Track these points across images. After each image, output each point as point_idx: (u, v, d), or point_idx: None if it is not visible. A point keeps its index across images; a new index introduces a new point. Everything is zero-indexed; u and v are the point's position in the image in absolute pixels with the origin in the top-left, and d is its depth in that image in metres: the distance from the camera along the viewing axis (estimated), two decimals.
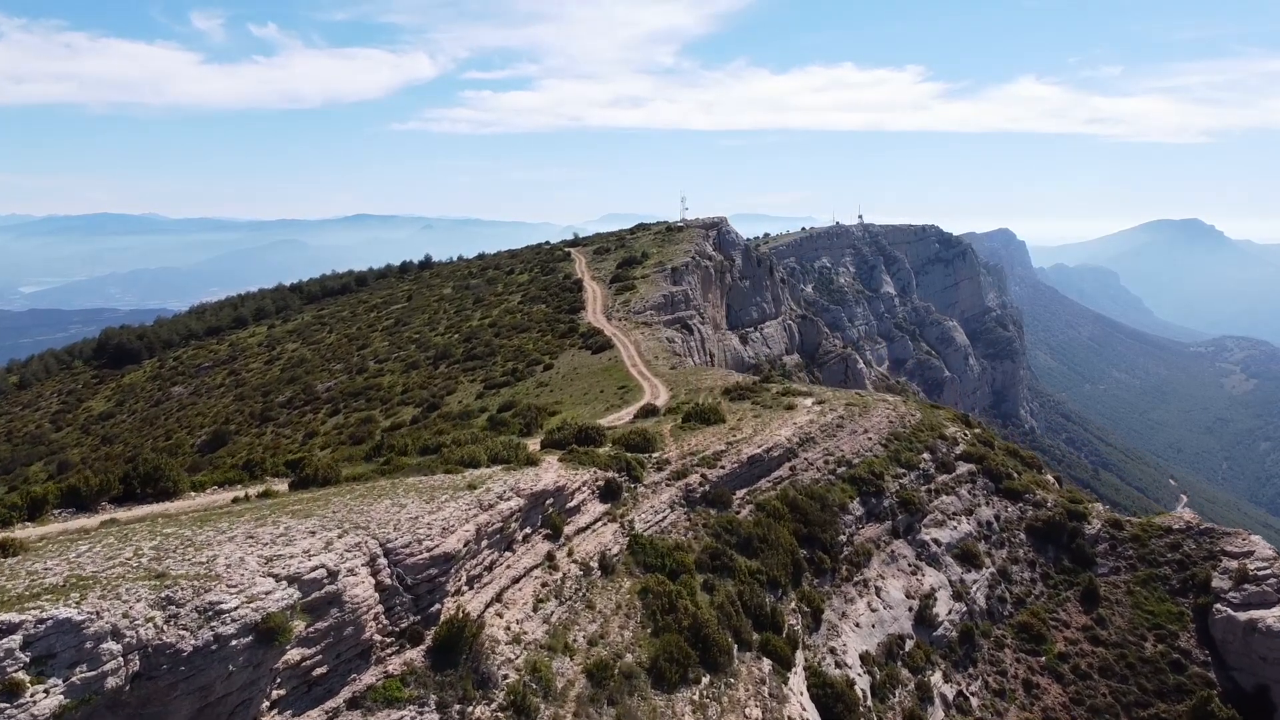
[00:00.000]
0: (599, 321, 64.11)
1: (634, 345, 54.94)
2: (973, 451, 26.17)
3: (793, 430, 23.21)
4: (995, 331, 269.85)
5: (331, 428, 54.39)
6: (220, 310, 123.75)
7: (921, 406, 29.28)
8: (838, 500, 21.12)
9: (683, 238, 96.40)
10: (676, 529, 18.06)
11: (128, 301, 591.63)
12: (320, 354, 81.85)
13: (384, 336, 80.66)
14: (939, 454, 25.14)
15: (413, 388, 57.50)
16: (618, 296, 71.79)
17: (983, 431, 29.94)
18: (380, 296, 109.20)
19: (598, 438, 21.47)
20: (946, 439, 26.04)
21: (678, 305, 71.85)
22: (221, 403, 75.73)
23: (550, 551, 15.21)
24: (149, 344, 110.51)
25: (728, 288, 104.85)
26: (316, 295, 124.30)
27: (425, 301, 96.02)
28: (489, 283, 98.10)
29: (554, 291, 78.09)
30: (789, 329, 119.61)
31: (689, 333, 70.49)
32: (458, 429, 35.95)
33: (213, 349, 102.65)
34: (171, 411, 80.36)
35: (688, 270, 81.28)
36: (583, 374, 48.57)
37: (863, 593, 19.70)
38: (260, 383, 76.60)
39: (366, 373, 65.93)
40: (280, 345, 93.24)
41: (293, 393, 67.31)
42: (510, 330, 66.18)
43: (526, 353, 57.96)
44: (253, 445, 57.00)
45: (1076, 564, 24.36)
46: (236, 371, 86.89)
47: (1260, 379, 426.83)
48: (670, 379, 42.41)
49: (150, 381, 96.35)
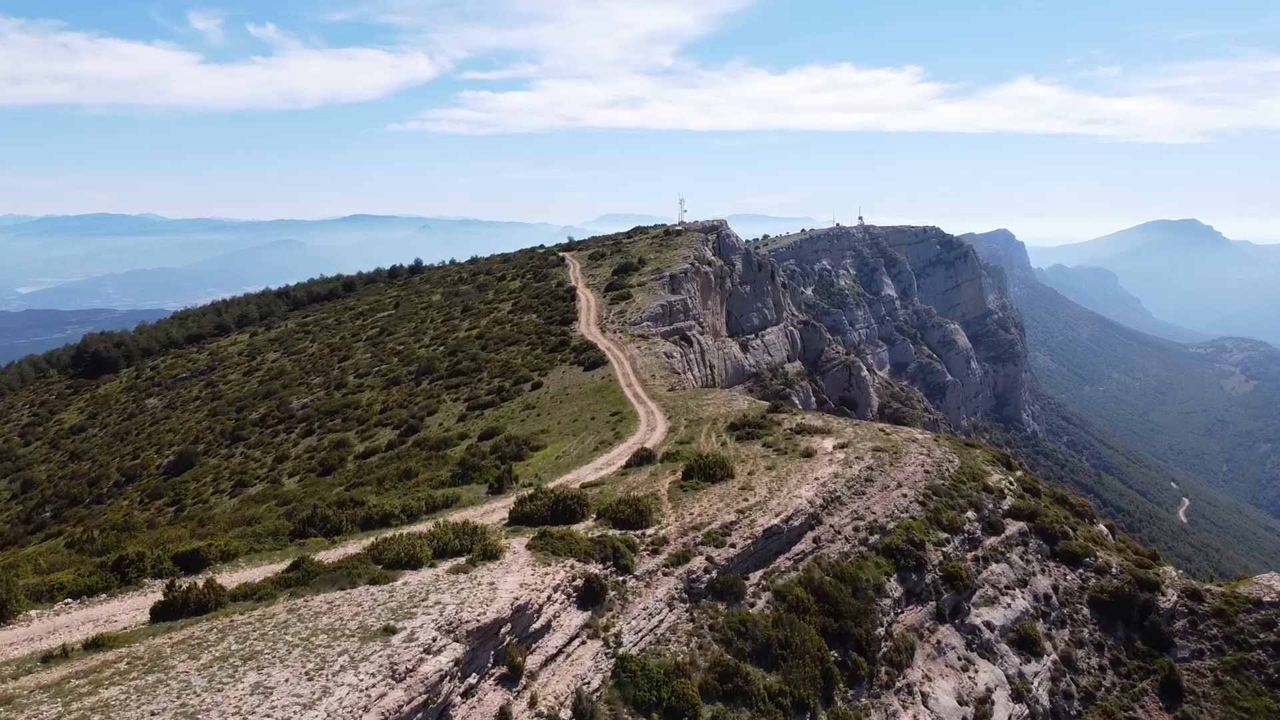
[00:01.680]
0: (592, 334, 60.17)
1: (629, 361, 51.02)
2: (1022, 506, 22.30)
3: (815, 489, 19.34)
4: (997, 334, 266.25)
5: (303, 450, 50.43)
6: (203, 316, 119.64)
7: (955, 445, 25.43)
8: (872, 579, 17.17)
9: (681, 242, 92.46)
10: (676, 637, 14.12)
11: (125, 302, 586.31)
12: (300, 365, 77.86)
13: (367, 347, 76.69)
14: (984, 511, 21.30)
15: (392, 406, 53.57)
16: (613, 306, 67.83)
17: (1025, 475, 26.07)
18: (367, 303, 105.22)
19: (579, 509, 17.46)
20: (991, 490, 22.19)
21: (676, 315, 67.94)
22: (195, 418, 71.72)
23: (504, 706, 11.17)
24: (127, 352, 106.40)
25: (728, 294, 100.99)
26: (303, 301, 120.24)
27: (413, 309, 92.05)
28: (479, 289, 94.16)
29: (546, 300, 74.13)
30: (791, 335, 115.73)
31: (688, 344, 66.60)
32: (429, 468, 32.09)
33: (192, 358, 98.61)
34: (144, 426, 76.33)
35: (686, 277, 77.34)
36: (573, 395, 44.62)
37: (907, 702, 15.79)
38: (236, 396, 72.57)
39: (345, 388, 61.96)
40: (261, 355, 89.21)
41: (267, 409, 63.32)
42: (498, 343, 62.24)
43: (514, 369, 54.05)
44: (219, 469, 53.03)
45: (1152, 646, 20.45)
46: (214, 383, 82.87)
47: (1260, 380, 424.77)
48: (668, 402, 38.49)
49: (125, 392, 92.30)
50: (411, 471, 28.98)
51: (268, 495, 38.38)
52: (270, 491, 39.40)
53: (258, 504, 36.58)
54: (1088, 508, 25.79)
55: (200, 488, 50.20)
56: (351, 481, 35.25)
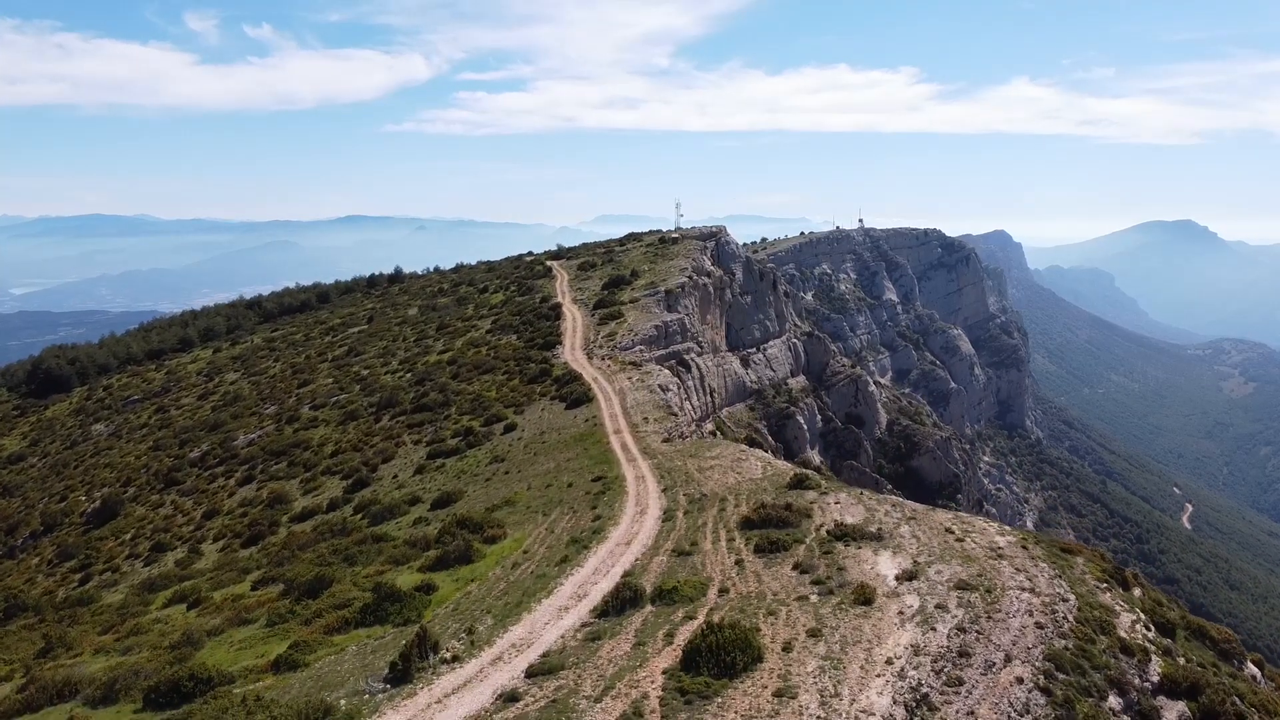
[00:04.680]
0: (578, 360, 53.13)
1: (618, 397, 43.99)
2: (1176, 675, 15.51)
3: (891, 690, 12.59)
4: (1000, 339, 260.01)
5: (238, 503, 43.36)
6: (168, 329, 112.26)
7: (1052, 556, 18.57)
8: None
9: (678, 252, 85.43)
10: None
11: (119, 303, 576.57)
12: (258, 389, 70.70)
13: (331, 369, 69.52)
14: (1130, 694, 14.63)
15: (345, 449, 46.53)
16: (602, 327, 60.77)
17: (1147, 594, 19.33)
18: (341, 316, 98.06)
19: None
20: (1129, 649, 15.52)
21: (672, 336, 60.94)
22: (137, 450, 64.47)
23: None
24: (81, 369, 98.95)
25: (728, 305, 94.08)
26: (274, 313, 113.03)
27: (386, 324, 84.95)
28: (459, 302, 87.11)
29: (528, 319, 67.07)
30: (794, 348, 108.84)
31: (685, 370, 59.61)
32: (362, 560, 25.10)
33: (149, 377, 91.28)
34: (84, 457, 69.03)
35: (684, 292, 70.31)
36: (550, 443, 37.57)
37: None
38: (185, 425, 65.34)
39: (298, 422, 54.84)
40: (220, 375, 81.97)
41: (211, 445, 56.14)
42: (472, 370, 55.17)
43: (487, 403, 47.05)
44: (144, 522, 45.88)
45: None
46: (165, 408, 75.59)
47: (1259, 382, 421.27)
48: (663, 461, 31.52)
49: (73, 415, 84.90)
50: (325, 580, 22.05)
51: (168, 579, 31.29)
52: (176, 572, 32.32)
53: (150, 594, 29.52)
54: (1233, 643, 19.03)
55: (117, 548, 43.08)
56: (269, 568, 28.24)
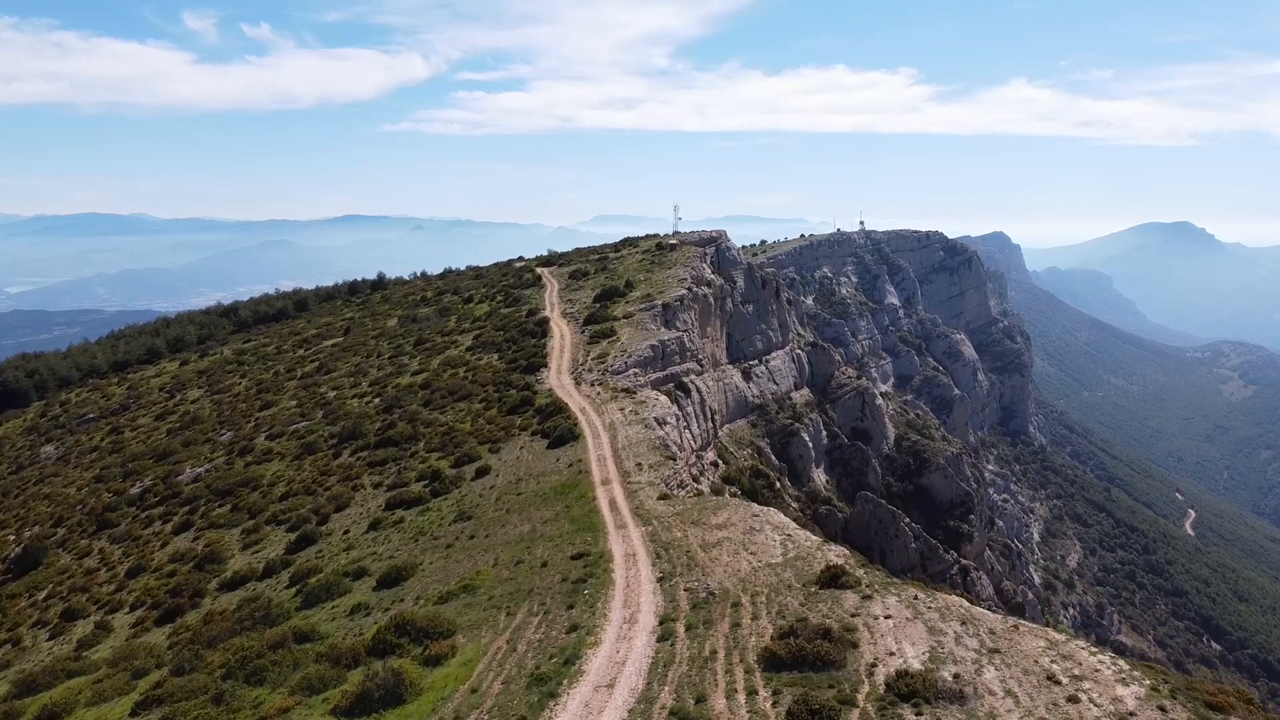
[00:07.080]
0: (564, 387, 47.34)
1: (608, 434, 38.28)
2: None
3: None
4: (1003, 344, 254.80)
5: (168, 557, 37.54)
6: (136, 338, 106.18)
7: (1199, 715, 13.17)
8: None
9: (676, 259, 79.60)
10: None
11: (115, 303, 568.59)
12: (219, 410, 64.80)
13: (297, 389, 63.61)
14: None
15: (297, 490, 40.74)
16: (592, 346, 54.92)
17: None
18: (317, 327, 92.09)
19: None
20: None
21: (670, 357, 55.15)
22: (81, 478, 58.57)
23: None
24: (40, 382, 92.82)
25: (728, 315, 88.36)
26: (249, 322, 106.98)
27: (363, 337, 79.08)
28: (442, 313, 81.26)
29: (512, 335, 61.22)
30: (797, 359, 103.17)
31: (685, 394, 53.85)
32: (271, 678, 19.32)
33: (109, 392, 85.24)
34: (28, 483, 63.06)
35: (683, 305, 64.51)
36: (527, 497, 31.81)
37: None
38: (133, 453, 59.42)
39: (251, 454, 48.96)
40: (183, 393, 76.02)
41: (155, 479, 50.23)
42: (446, 396, 49.34)
43: (459, 438, 41.31)
44: (64, 576, 40.01)
45: None
46: (120, 428, 69.64)
47: (1259, 385, 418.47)
48: (659, 530, 25.82)
49: (25, 435, 78.86)
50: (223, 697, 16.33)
51: (53, 676, 25.43)
52: (67, 666, 26.41)
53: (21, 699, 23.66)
54: None
55: (27, 609, 37.22)
56: (164, 677, 22.43)
